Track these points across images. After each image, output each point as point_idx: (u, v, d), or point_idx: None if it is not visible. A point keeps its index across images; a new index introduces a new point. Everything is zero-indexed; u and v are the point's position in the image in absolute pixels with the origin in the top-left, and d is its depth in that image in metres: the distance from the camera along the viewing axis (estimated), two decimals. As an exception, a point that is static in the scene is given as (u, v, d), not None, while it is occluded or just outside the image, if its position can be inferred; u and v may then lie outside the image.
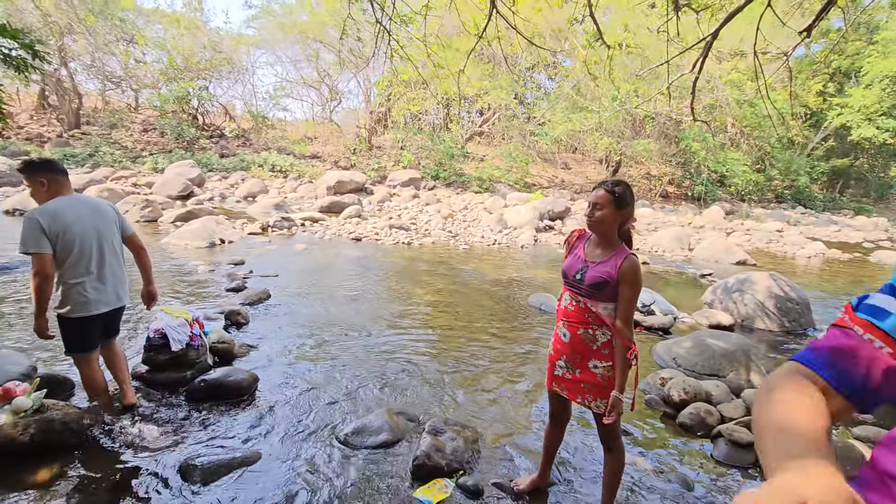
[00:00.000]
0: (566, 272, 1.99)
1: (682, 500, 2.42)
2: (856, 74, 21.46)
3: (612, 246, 1.91)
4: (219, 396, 3.00)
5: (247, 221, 9.93)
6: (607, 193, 1.85)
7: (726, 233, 14.10)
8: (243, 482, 2.31)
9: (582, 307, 1.92)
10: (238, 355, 3.70)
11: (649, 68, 6.69)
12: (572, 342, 1.97)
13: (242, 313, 4.44)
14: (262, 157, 18.79)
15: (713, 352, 3.91)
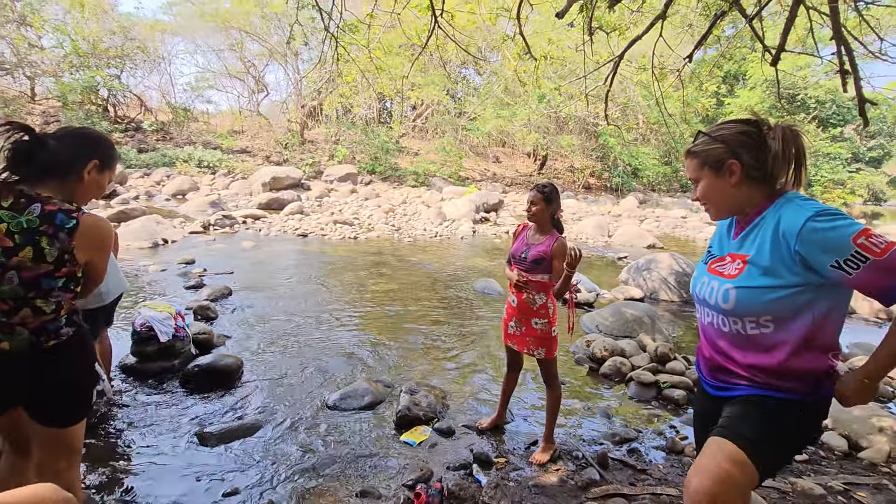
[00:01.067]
0: (514, 253, 2.64)
1: (604, 426, 3.17)
2: (743, 77, 24.48)
3: (546, 232, 2.58)
4: (212, 380, 3.33)
5: (184, 220, 9.74)
6: (539, 194, 2.54)
7: (639, 220, 15.78)
8: (254, 444, 2.71)
9: (528, 277, 2.57)
10: (217, 345, 4.00)
11: (570, 81, 7.59)
12: (519, 305, 2.62)
13: (211, 308, 4.68)
14: (187, 151, 17.97)
15: (626, 318, 4.80)
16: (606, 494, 2.38)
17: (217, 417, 2.96)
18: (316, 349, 4.12)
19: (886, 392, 3.79)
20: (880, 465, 2.80)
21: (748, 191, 1.30)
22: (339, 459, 2.61)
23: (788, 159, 1.27)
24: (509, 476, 2.52)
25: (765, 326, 1.25)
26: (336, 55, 6.01)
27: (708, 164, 1.33)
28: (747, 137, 1.28)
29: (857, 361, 4.29)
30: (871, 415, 3.08)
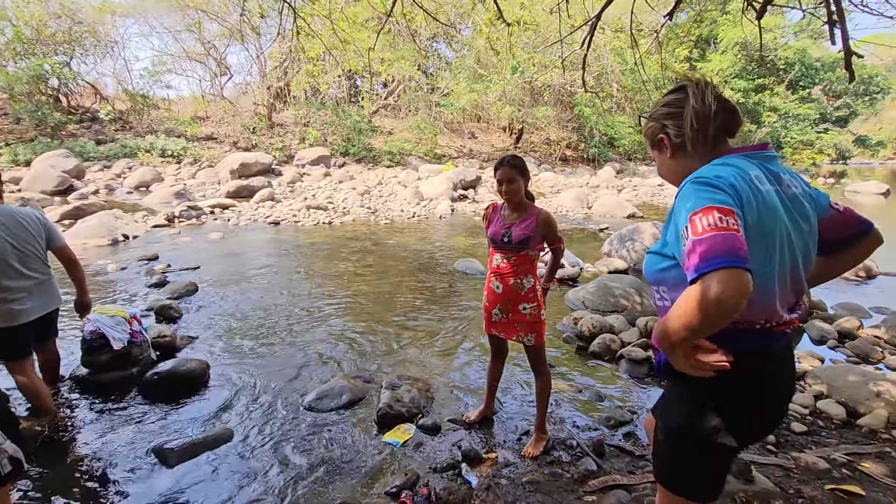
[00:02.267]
0: (493, 238, 2.39)
1: (595, 408, 3.02)
2: (714, 41, 24.38)
3: (524, 207, 2.35)
4: (174, 387, 3.06)
5: (147, 214, 9.23)
6: (512, 168, 2.28)
7: (618, 190, 15.72)
8: (221, 457, 2.48)
9: (512, 262, 2.34)
10: (181, 347, 3.71)
11: (545, 46, 7.27)
12: (505, 292, 2.40)
13: (174, 307, 4.36)
14: (149, 141, 17.08)
15: (612, 292, 4.66)
16: (605, 486, 2.23)
17: (180, 430, 2.70)
18: (290, 346, 3.87)
19: (873, 351, 3.75)
20: (880, 432, 2.72)
21: (687, 161, 1.22)
22: (316, 467, 2.40)
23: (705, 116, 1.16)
24: (501, 473, 2.35)
25: (664, 299, 1.21)
26: (296, 28, 5.58)
27: (650, 143, 1.32)
28: (669, 108, 1.24)
29: (845, 323, 4.25)
30: (867, 379, 3.00)
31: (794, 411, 2.92)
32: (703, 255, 0.94)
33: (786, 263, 1.10)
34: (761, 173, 1.11)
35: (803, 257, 1.16)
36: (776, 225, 1.07)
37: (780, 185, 1.14)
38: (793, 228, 1.11)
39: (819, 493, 2.18)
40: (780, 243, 1.08)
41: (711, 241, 0.94)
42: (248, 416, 2.85)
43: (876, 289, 5.82)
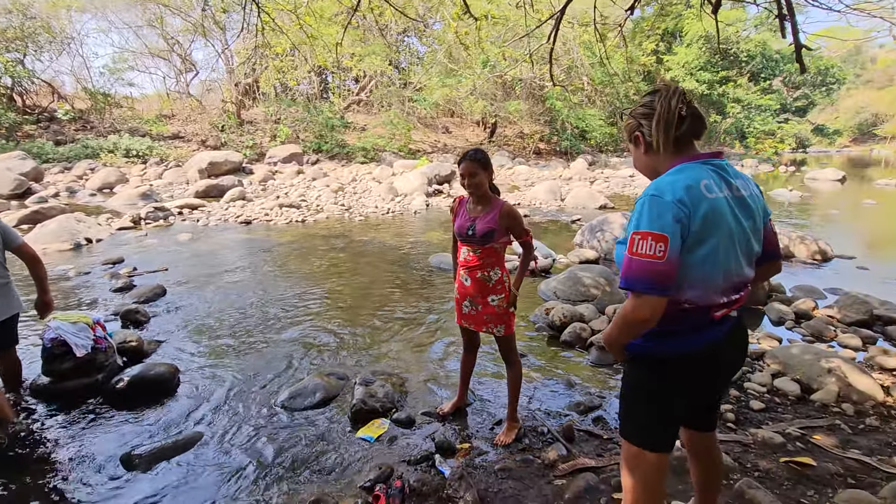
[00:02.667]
0: (459, 232, 2.42)
1: (566, 396, 3.10)
2: (679, 34, 24.94)
3: (488, 201, 2.37)
4: (142, 393, 2.99)
5: (112, 216, 8.93)
6: (475, 162, 2.30)
7: (590, 182, 15.97)
8: (191, 461, 2.44)
9: (479, 255, 2.38)
10: (149, 352, 3.63)
11: (512, 40, 7.31)
12: (473, 285, 2.43)
13: (141, 311, 4.25)
14: (112, 141, 16.49)
15: (583, 282, 4.76)
16: (574, 469, 2.30)
17: (149, 436, 2.65)
18: (263, 346, 3.83)
19: (826, 330, 3.94)
20: (831, 406, 2.88)
21: (658, 158, 1.36)
22: (289, 466, 2.40)
23: (668, 121, 1.29)
24: (474, 462, 2.39)
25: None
26: (259, 22, 5.48)
27: (628, 137, 1.45)
28: (646, 108, 1.36)
29: (802, 304, 4.45)
30: (820, 357, 3.16)
31: (752, 390, 3.06)
32: (628, 275, 1.21)
33: (729, 259, 1.27)
34: (711, 182, 1.25)
35: (746, 252, 1.32)
36: (721, 227, 1.23)
37: (731, 190, 1.29)
38: (737, 228, 1.27)
39: (774, 465, 2.30)
40: (724, 242, 1.25)
41: (638, 265, 1.19)
42: (219, 418, 2.82)
43: (831, 271, 6.10)
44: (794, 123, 30.74)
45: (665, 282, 1.17)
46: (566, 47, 17.68)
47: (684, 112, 1.30)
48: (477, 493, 2.12)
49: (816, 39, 24.28)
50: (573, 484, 2.17)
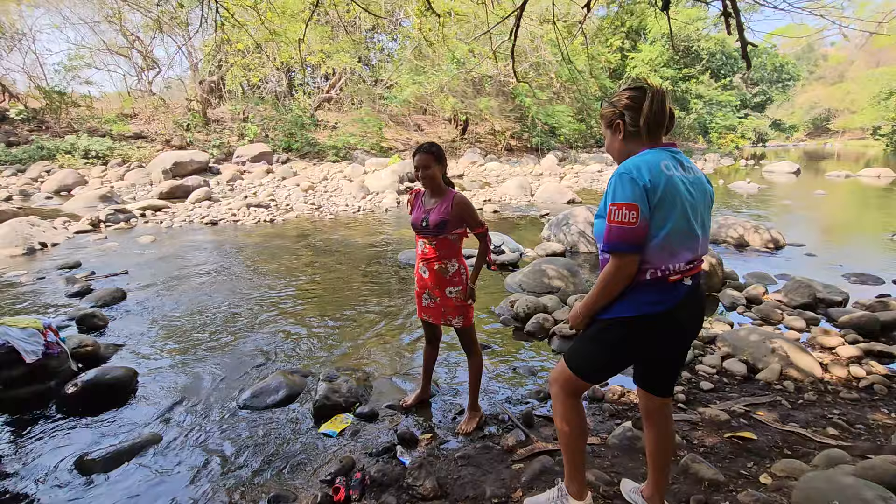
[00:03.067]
0: (414, 224, 2.48)
1: (529, 384, 3.18)
2: (644, 32, 25.54)
3: (441, 192, 2.42)
4: (99, 397, 2.92)
5: (69, 220, 8.60)
6: (429, 155, 2.35)
7: (560, 177, 16.24)
8: (148, 463, 2.41)
9: (435, 247, 2.42)
10: (106, 356, 3.54)
11: (475, 37, 7.37)
12: (431, 276, 2.47)
13: (98, 315, 4.13)
14: (70, 141, 15.84)
15: (547, 274, 4.87)
16: (532, 454, 2.37)
17: (106, 440, 2.59)
18: (227, 347, 3.78)
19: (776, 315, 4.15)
20: (774, 384, 3.04)
21: (631, 144, 1.58)
22: (250, 464, 2.39)
23: (656, 118, 1.52)
24: (435, 451, 2.44)
25: (604, 254, 1.55)
26: (219, 17, 5.38)
27: (606, 124, 1.63)
28: (631, 101, 1.54)
29: (753, 290, 4.67)
30: (765, 338, 3.33)
31: (703, 371, 3.20)
32: (609, 239, 1.46)
33: (683, 226, 1.49)
34: (670, 163, 1.50)
35: (700, 221, 1.55)
36: (676, 198, 1.46)
37: (683, 171, 1.53)
38: (690, 201, 1.50)
39: (719, 441, 2.42)
40: (680, 210, 1.47)
41: (617, 230, 1.44)
42: (179, 420, 2.78)
43: (782, 258, 6.41)
44: (754, 119, 31.93)
45: (638, 241, 1.44)
46: (534, 44, 17.89)
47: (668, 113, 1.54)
48: (436, 480, 2.17)
49: (772, 38, 25.09)
50: (530, 467, 2.23)
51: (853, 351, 3.38)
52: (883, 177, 16.90)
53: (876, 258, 6.40)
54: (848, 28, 7.22)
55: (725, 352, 3.40)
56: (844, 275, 5.50)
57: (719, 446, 2.38)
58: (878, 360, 3.35)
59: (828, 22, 5.06)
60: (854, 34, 7.11)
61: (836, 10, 6.66)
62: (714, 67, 27.19)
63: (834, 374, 3.15)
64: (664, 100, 1.52)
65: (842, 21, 5.65)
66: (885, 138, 35.25)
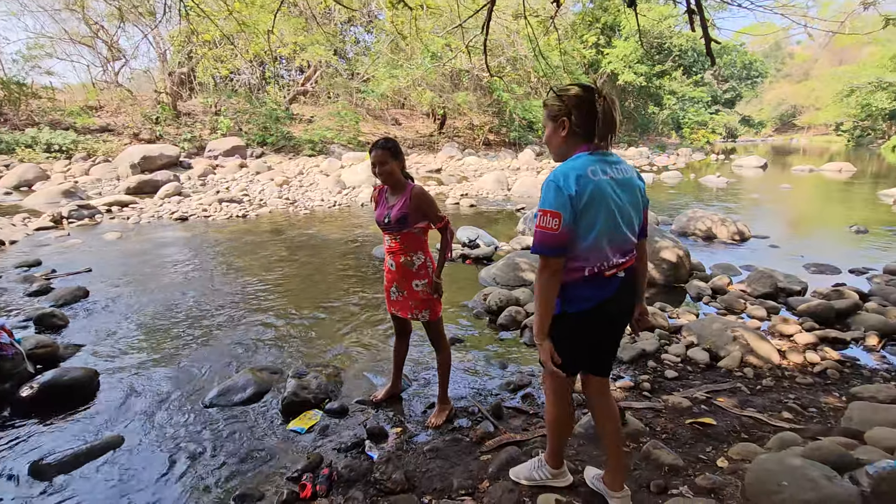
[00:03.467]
0: (378, 220, 2.46)
1: (499, 376, 3.21)
2: (618, 28, 25.85)
3: (401, 187, 2.40)
4: (57, 399, 2.83)
5: (29, 216, 8.27)
6: (385, 151, 2.31)
7: (537, 172, 16.36)
8: (109, 466, 2.34)
9: (399, 241, 2.41)
10: (65, 356, 3.42)
11: (447, 31, 7.35)
12: (398, 269, 2.47)
13: (58, 315, 3.99)
14: (30, 135, 15.21)
15: (520, 267, 4.91)
16: (500, 445, 2.40)
17: (64, 443, 2.51)
18: (194, 345, 3.70)
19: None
20: (734, 371, 3.15)
21: (571, 143, 1.61)
22: (216, 463, 2.35)
23: (608, 123, 1.57)
24: (404, 445, 2.44)
25: None
26: (183, 7, 5.22)
27: (549, 116, 1.64)
28: (580, 101, 1.56)
29: (718, 281, 4.80)
30: (727, 327, 3.44)
31: (668, 360, 3.29)
32: (535, 243, 1.55)
33: (611, 226, 1.58)
34: (597, 167, 1.55)
35: (626, 221, 1.62)
36: (603, 201, 1.53)
37: (612, 173, 1.58)
38: (616, 202, 1.57)
39: (681, 427, 2.50)
40: (607, 213, 1.55)
41: (541, 235, 1.52)
42: (142, 421, 2.71)
43: (748, 250, 6.61)
44: (724, 114, 32.77)
45: (560, 246, 1.52)
46: (510, 39, 17.93)
47: (619, 119, 1.59)
48: (404, 473, 2.17)
49: (740, 36, 25.69)
50: (497, 458, 2.26)
51: (809, 338, 3.51)
52: (844, 171, 17.57)
53: (835, 249, 6.66)
54: (813, 28, 7.42)
55: (690, 341, 3.50)
56: (805, 265, 5.71)
57: (680, 432, 2.45)
58: (833, 346, 3.50)
59: (793, 21, 5.22)
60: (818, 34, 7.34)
61: (800, 10, 6.86)
62: (686, 64, 27.74)
63: (791, 360, 3.27)
64: (613, 109, 1.56)
65: (806, 20, 5.84)
66: (846, 134, 36.65)
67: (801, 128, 52.41)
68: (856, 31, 9.79)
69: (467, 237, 6.39)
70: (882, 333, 3.61)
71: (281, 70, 23.19)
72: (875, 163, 22.90)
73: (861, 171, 18.52)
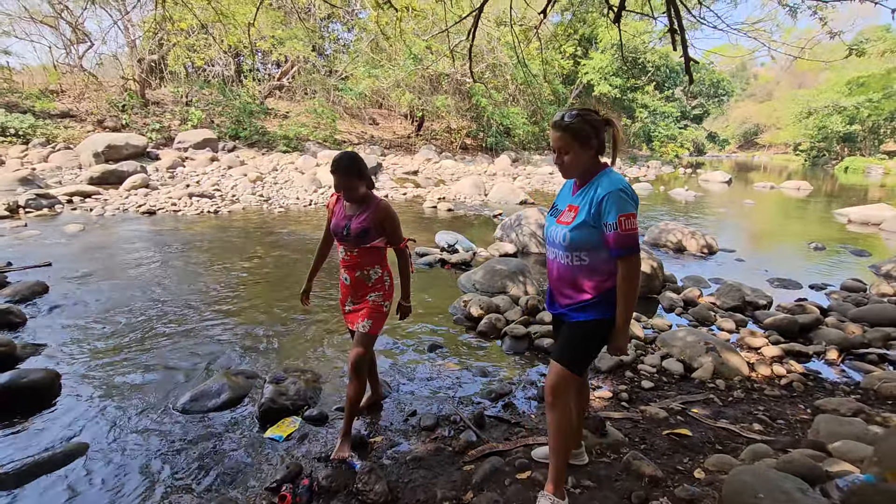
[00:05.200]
0: (335, 231, 2.31)
1: (481, 385, 3.21)
2: (595, 41, 26.45)
3: (363, 199, 2.27)
4: (14, 403, 2.66)
5: (-20, 204, 7.78)
6: (349, 176, 2.15)
7: (513, 178, 16.55)
8: (72, 476, 2.22)
9: (355, 255, 2.30)
10: (23, 357, 3.23)
11: (433, 35, 7.36)
12: (353, 283, 2.37)
13: (14, 311, 3.76)
14: (-17, 117, 14.30)
15: (500, 274, 4.94)
16: (483, 454, 2.40)
17: (21, 451, 2.36)
18: (163, 347, 3.55)
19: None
20: (707, 382, 3.25)
21: (596, 160, 1.81)
22: (189, 473, 2.26)
23: (614, 145, 1.86)
24: (386, 454, 2.41)
25: (582, 259, 1.80)
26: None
27: (579, 139, 1.76)
28: (598, 125, 1.78)
29: (689, 293, 4.96)
30: (700, 339, 3.55)
31: (644, 371, 3.37)
32: (628, 243, 1.69)
33: None
34: None
35: None
36: None
37: None
38: None
39: (658, 438, 2.55)
40: None
41: (632, 239, 1.69)
42: (109, 427, 2.58)
43: (715, 263, 6.86)
44: (692, 130, 33.97)
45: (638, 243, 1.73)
46: (490, 45, 18.08)
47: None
48: (387, 484, 2.14)
49: (710, 55, 26.71)
50: (480, 468, 2.25)
51: (776, 351, 3.67)
52: (802, 189, 18.49)
53: (796, 264, 6.99)
54: (776, 51, 7.78)
55: (665, 352, 3.59)
56: (769, 279, 5.96)
57: (658, 443, 2.50)
58: (797, 359, 3.66)
59: (759, 44, 5.45)
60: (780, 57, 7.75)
61: (766, 34, 7.17)
62: (659, 80, 28.64)
63: (759, 372, 3.41)
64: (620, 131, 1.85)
65: (771, 44, 6.12)
66: (804, 154, 38.57)
67: (763, 146, 54.88)
68: (817, 59, 10.26)
69: (446, 242, 6.39)
70: (841, 348, 3.80)
71: (257, 63, 22.66)
72: (829, 182, 24.20)
73: (817, 189, 19.54)
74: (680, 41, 3.92)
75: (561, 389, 1.85)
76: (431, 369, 3.38)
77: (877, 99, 31.17)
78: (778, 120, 45.95)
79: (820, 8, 4.73)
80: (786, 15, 5.09)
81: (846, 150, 36.57)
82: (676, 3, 3.81)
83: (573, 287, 1.85)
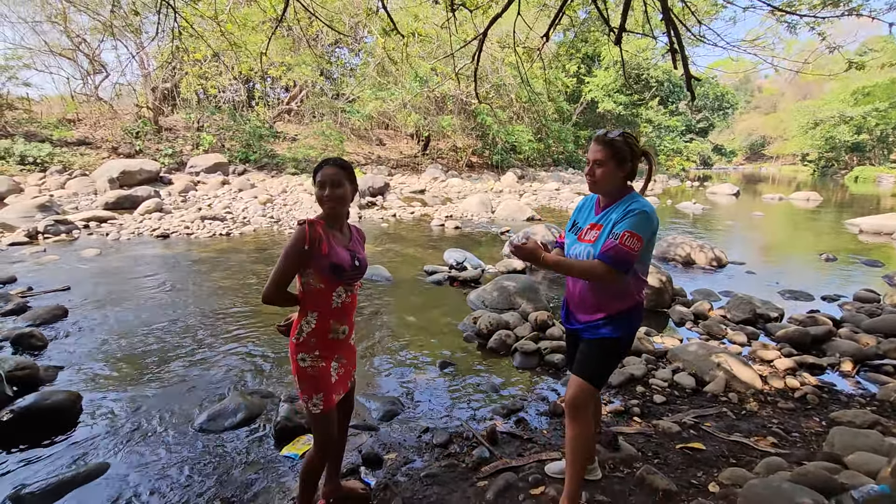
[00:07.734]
0: (340, 268, 1.76)
1: (491, 400, 3.23)
2: (598, 59, 26.82)
3: (345, 224, 1.90)
4: (38, 424, 2.73)
5: (2, 231, 8.01)
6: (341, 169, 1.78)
7: (519, 194, 16.65)
8: (95, 495, 2.27)
9: (355, 293, 1.92)
10: (46, 380, 3.31)
11: (438, 59, 7.57)
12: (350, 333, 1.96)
13: (37, 335, 3.86)
14: (3, 146, 14.77)
15: (509, 291, 4.98)
16: (496, 471, 2.41)
17: (46, 471, 2.42)
18: (180, 368, 3.62)
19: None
20: (720, 396, 3.24)
21: (623, 183, 1.88)
22: (207, 491, 2.30)
23: (648, 175, 2.02)
24: (400, 471, 2.43)
25: None
26: (177, 27, 5.24)
27: (617, 157, 1.82)
28: (638, 151, 1.87)
29: (699, 306, 4.95)
30: (711, 353, 3.55)
31: (656, 385, 3.36)
32: (618, 257, 1.73)
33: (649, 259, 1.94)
34: None
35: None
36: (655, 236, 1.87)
37: None
38: None
39: (671, 452, 2.55)
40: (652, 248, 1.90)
41: (623, 254, 1.73)
42: (129, 447, 2.64)
43: (725, 276, 6.84)
44: (698, 143, 34.05)
45: (629, 265, 1.76)
46: (494, 66, 18.42)
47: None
48: (402, 500, 2.17)
49: (713, 69, 26.88)
50: (494, 484, 2.27)
51: (788, 363, 3.65)
52: (811, 200, 18.37)
53: (807, 276, 6.94)
54: (779, 65, 7.86)
55: (676, 366, 3.59)
56: (780, 291, 5.93)
57: (672, 457, 2.50)
58: (810, 371, 3.64)
59: (762, 59, 5.54)
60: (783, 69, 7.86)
61: (768, 49, 7.27)
62: (663, 95, 28.88)
63: (772, 385, 3.39)
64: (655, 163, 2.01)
65: (773, 58, 6.21)
66: (812, 164, 38.42)
67: (770, 157, 54.78)
68: (820, 71, 10.34)
69: (455, 259, 6.45)
70: (856, 359, 3.77)
71: (266, 88, 23.22)
72: (840, 192, 24.04)
73: (827, 199, 19.41)
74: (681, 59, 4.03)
75: (581, 403, 1.90)
76: (443, 386, 3.40)
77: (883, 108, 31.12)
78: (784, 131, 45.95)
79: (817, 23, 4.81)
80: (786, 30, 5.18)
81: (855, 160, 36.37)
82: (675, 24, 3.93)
83: (593, 304, 1.90)
